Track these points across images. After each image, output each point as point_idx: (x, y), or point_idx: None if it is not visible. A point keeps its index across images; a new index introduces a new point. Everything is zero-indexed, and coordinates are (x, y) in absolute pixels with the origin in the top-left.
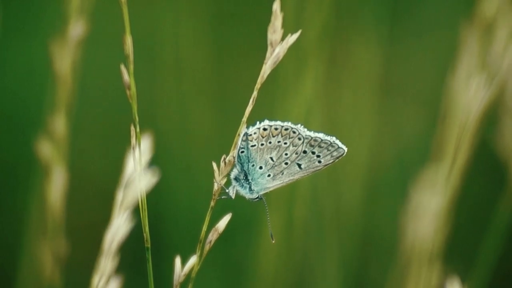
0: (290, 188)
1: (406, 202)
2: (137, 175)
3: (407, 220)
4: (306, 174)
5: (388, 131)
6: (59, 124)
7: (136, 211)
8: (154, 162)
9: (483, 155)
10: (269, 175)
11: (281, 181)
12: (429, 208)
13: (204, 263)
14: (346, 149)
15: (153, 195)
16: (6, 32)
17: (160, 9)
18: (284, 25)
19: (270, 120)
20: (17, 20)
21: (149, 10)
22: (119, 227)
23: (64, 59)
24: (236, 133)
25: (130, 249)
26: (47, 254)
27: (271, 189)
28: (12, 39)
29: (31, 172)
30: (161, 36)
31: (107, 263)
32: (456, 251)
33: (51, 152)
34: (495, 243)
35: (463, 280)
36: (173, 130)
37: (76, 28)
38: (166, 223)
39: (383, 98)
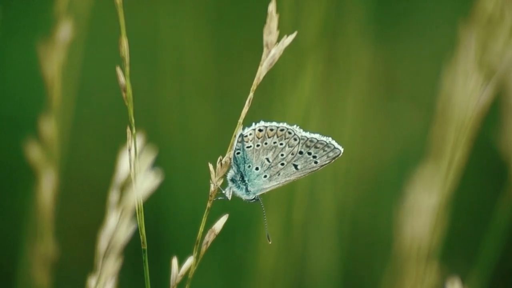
0: (289, 188)
1: (402, 200)
2: (133, 176)
3: (404, 218)
4: (302, 174)
5: (387, 130)
6: (48, 126)
7: (135, 212)
8: (154, 162)
9: (485, 154)
10: (265, 176)
11: (278, 182)
12: (425, 206)
13: (204, 263)
14: (342, 150)
15: (153, 196)
16: (4, 32)
17: (161, 11)
18: (282, 26)
19: (266, 121)
20: (16, 20)
21: (150, 12)
22: (115, 228)
23: (52, 61)
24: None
25: (131, 250)
26: (36, 256)
27: (267, 190)
28: (10, 40)
29: (24, 174)
30: (162, 38)
31: (104, 264)
32: (457, 250)
33: (40, 154)
34: (496, 243)
35: (463, 280)
36: (173, 131)
37: (64, 31)
38: (166, 224)
39: (382, 98)
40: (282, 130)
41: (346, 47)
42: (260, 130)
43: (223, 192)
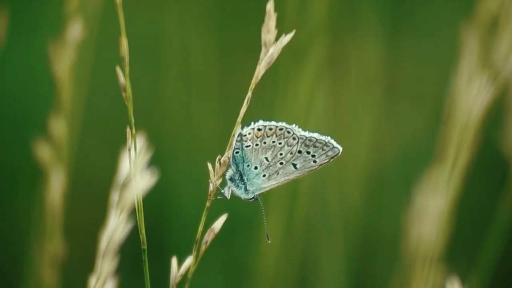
0: (292, 187)
1: (409, 203)
2: (133, 176)
3: (411, 221)
4: (301, 174)
5: (390, 131)
6: (57, 126)
7: (136, 212)
8: (157, 163)
9: (487, 155)
10: (264, 175)
11: (277, 181)
12: (432, 209)
13: (204, 264)
14: (341, 149)
15: (156, 196)
16: (8, 32)
17: (166, 12)
18: (283, 25)
19: (265, 120)
20: (19, 20)
21: (154, 12)
22: (115, 228)
23: (62, 61)
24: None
25: (131, 249)
26: (45, 255)
27: (266, 189)
28: (14, 40)
29: (32, 174)
30: (167, 39)
31: (103, 264)
32: (460, 251)
33: (49, 154)
34: (496, 243)
35: (463, 280)
36: (176, 131)
37: (74, 30)
38: (167, 224)
39: (385, 98)
40: (281, 129)
41: (349, 47)
42: (259, 129)
43: (222, 191)
